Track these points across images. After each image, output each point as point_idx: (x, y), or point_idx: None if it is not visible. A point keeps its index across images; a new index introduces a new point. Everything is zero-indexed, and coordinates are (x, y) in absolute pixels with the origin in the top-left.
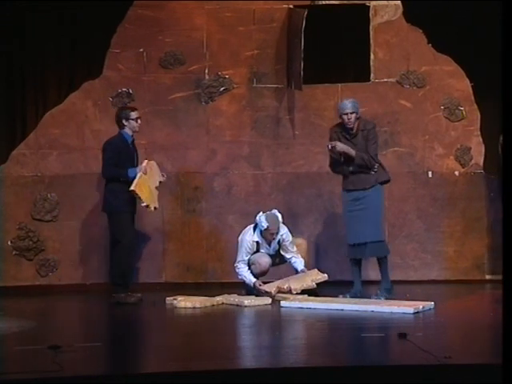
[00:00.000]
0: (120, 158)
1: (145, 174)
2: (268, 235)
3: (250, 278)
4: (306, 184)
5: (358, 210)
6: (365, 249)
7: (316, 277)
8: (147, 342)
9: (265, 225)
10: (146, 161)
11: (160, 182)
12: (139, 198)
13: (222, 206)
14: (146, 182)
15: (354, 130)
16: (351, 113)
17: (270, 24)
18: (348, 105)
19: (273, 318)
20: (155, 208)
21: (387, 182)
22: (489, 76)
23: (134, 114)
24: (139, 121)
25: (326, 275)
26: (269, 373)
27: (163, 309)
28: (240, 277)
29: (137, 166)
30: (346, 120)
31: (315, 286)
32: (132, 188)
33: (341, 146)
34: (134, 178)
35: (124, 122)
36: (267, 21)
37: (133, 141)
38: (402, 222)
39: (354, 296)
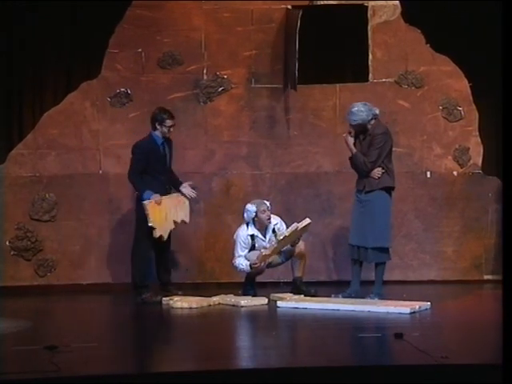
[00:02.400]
0: (149, 162)
1: (158, 204)
2: (263, 219)
3: (246, 263)
4: (305, 184)
5: (362, 213)
6: (366, 253)
7: (299, 224)
8: (143, 342)
9: (253, 208)
10: (178, 194)
11: (183, 221)
12: (147, 215)
13: (221, 206)
14: (164, 209)
15: (368, 131)
16: (351, 125)
17: (268, 24)
18: (347, 117)
19: (269, 319)
20: (161, 236)
21: (391, 188)
22: (487, 76)
23: (169, 122)
24: (171, 129)
25: (308, 219)
26: (265, 373)
27: (159, 309)
28: (238, 269)
29: (169, 165)
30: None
31: (299, 227)
32: (145, 202)
33: (348, 140)
34: (146, 199)
35: (157, 124)
36: (265, 21)
37: (164, 141)
38: (401, 221)
39: (348, 296)
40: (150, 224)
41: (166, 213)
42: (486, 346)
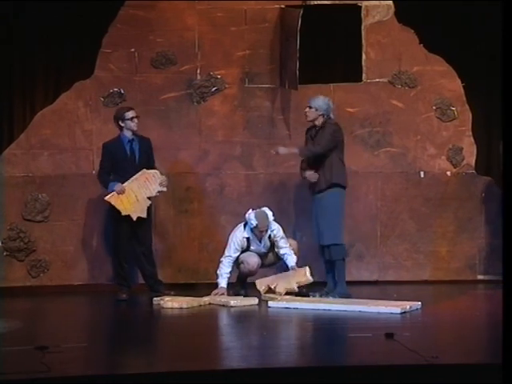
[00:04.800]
0: (115, 161)
1: (121, 193)
2: (257, 232)
3: (220, 280)
4: (298, 184)
5: (318, 212)
6: (325, 250)
7: (301, 279)
8: (134, 342)
9: (254, 223)
10: (143, 170)
11: (159, 191)
12: (114, 208)
13: (214, 207)
14: (130, 193)
15: (318, 128)
16: (309, 106)
17: (261, 24)
18: (310, 99)
19: (260, 319)
20: (139, 218)
21: (342, 186)
22: (480, 76)
23: (129, 114)
24: (136, 120)
25: (310, 278)
26: (256, 373)
27: (150, 309)
28: (220, 269)
29: (137, 166)
30: (305, 112)
31: (297, 289)
32: (105, 198)
33: (282, 150)
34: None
35: (120, 123)
36: (259, 21)
37: (134, 140)
38: (395, 222)
39: (325, 295)
40: (123, 214)
41: (136, 195)
42: (477, 345)
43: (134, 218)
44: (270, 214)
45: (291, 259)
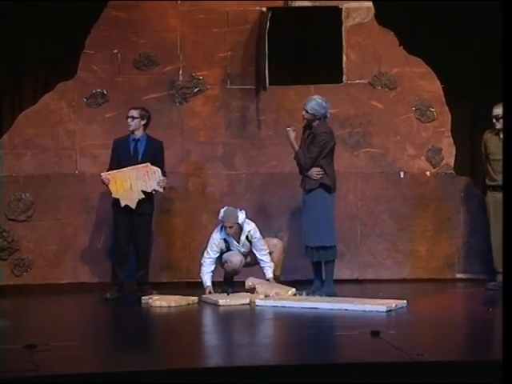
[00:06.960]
0: (119, 159)
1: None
2: (227, 230)
3: (205, 280)
4: (280, 184)
5: (304, 212)
6: (311, 252)
7: (283, 294)
8: (122, 341)
9: (221, 215)
10: (147, 164)
11: (155, 190)
12: (106, 186)
13: (197, 206)
14: (127, 179)
15: (311, 132)
16: (306, 111)
17: (243, 26)
18: (306, 102)
19: (247, 317)
20: (126, 206)
21: (331, 188)
22: (460, 77)
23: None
24: (128, 120)
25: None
26: (243, 371)
27: (138, 308)
28: (201, 271)
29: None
30: (302, 115)
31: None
32: (102, 174)
33: (290, 135)
34: None
35: None
36: (241, 22)
37: (138, 141)
38: (375, 221)
39: (312, 293)
40: (112, 195)
41: (131, 183)
42: (461, 343)
43: (122, 205)
44: (240, 214)
45: (269, 271)
